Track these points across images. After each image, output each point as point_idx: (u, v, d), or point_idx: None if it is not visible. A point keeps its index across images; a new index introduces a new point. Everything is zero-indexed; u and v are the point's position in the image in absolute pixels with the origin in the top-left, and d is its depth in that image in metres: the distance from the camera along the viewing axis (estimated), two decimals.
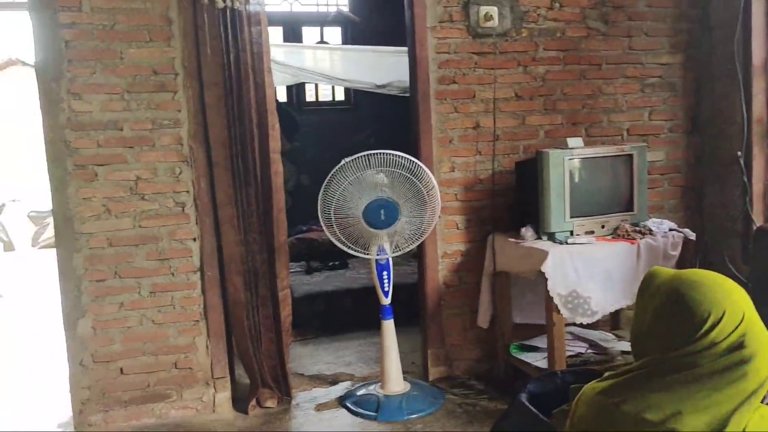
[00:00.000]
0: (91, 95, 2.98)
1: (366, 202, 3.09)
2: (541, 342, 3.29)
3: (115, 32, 2.97)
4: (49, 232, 10.20)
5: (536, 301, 3.26)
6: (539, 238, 3.16)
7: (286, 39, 6.09)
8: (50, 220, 10.34)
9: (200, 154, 3.12)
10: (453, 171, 3.46)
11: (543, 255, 2.95)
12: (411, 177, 3.09)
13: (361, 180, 3.07)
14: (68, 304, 3.09)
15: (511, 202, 3.47)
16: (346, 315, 4.59)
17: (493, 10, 3.40)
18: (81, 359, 3.12)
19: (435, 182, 3.17)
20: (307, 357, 4.01)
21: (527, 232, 3.18)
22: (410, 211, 3.16)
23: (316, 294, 4.70)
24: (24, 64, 19.19)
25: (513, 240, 3.22)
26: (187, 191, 3.15)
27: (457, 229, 3.51)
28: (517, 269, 3.25)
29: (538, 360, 3.23)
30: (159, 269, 3.16)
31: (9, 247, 9.33)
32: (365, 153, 3.05)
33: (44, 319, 5.27)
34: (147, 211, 3.11)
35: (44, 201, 11.23)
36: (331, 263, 5.32)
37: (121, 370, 3.17)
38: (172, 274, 3.18)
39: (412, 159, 3.11)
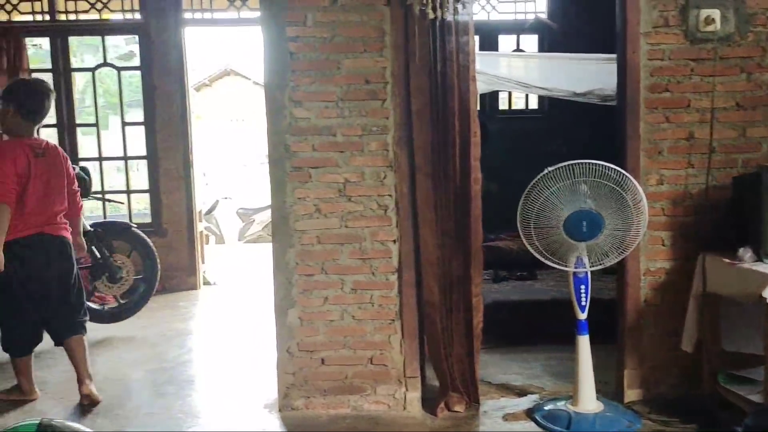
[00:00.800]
0: (310, 103, 3.22)
1: (568, 212, 3.02)
2: (756, 374, 3.00)
3: (333, 44, 3.19)
4: (254, 228, 11.17)
5: (751, 328, 2.98)
6: (759, 260, 2.90)
7: (482, 48, 6.12)
8: (256, 217, 11.35)
9: (404, 159, 3.25)
10: (661, 184, 3.28)
11: (765, 279, 2.70)
12: (617, 188, 2.97)
13: (563, 190, 3.01)
14: (280, 294, 3.35)
15: (726, 220, 3.21)
16: (533, 327, 4.51)
17: (715, 13, 3.18)
18: (288, 347, 3.38)
19: (643, 194, 3.02)
20: (493, 365, 4.00)
21: (746, 253, 2.92)
22: (614, 224, 3.04)
23: (503, 303, 4.68)
24: (236, 74, 21.20)
25: (728, 261, 2.97)
26: (390, 195, 3.28)
27: (663, 245, 3.32)
28: (730, 292, 3.00)
29: (753, 393, 2.95)
30: (361, 268, 3.32)
31: (220, 240, 10.31)
32: (569, 162, 2.99)
33: (251, 306, 5.79)
34: (353, 212, 3.29)
35: (251, 199, 12.35)
36: (519, 273, 5.26)
37: (323, 360, 3.38)
38: (373, 274, 3.33)
39: (619, 170, 2.99)
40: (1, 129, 3.77)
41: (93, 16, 6.32)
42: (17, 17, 6.24)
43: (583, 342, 3.20)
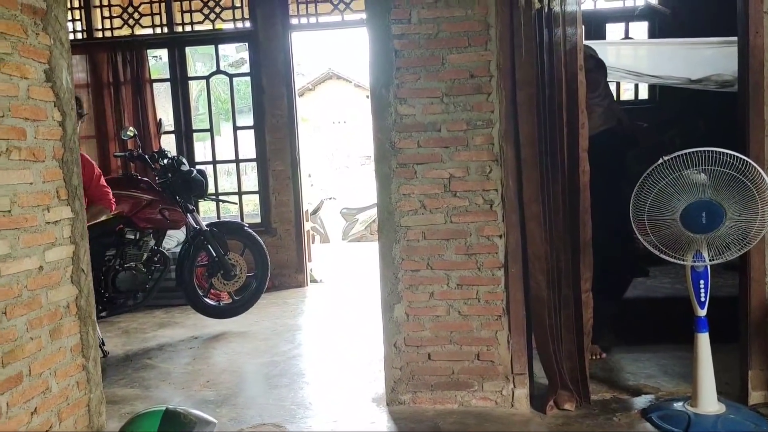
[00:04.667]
0: (415, 99, 3.25)
1: (685, 203, 2.88)
2: None
3: (438, 40, 3.20)
4: (358, 228, 11.38)
5: None
6: None
7: (588, 37, 5.93)
8: (359, 216, 11.57)
9: (510, 152, 3.21)
10: None
11: None
12: (740, 177, 2.80)
13: (679, 180, 2.87)
14: (387, 289, 3.40)
15: None
16: (645, 324, 4.34)
17: None
18: (395, 341, 3.42)
19: None
20: (604, 363, 3.88)
21: None
22: (736, 215, 2.87)
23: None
24: (338, 77, 21.70)
25: None
26: (496, 189, 3.26)
27: None
28: None
29: None
30: (466, 263, 3.32)
31: (325, 239, 10.57)
32: (686, 151, 2.85)
33: (357, 303, 5.90)
34: (458, 208, 3.29)
35: (354, 199, 12.61)
36: None
37: (429, 355, 3.40)
38: (478, 269, 3.31)
39: (742, 157, 2.82)
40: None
41: (207, 26, 6.66)
42: (139, 31, 6.68)
43: (703, 340, 3.04)
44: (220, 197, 6.81)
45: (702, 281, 3.02)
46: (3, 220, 2.40)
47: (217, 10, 6.56)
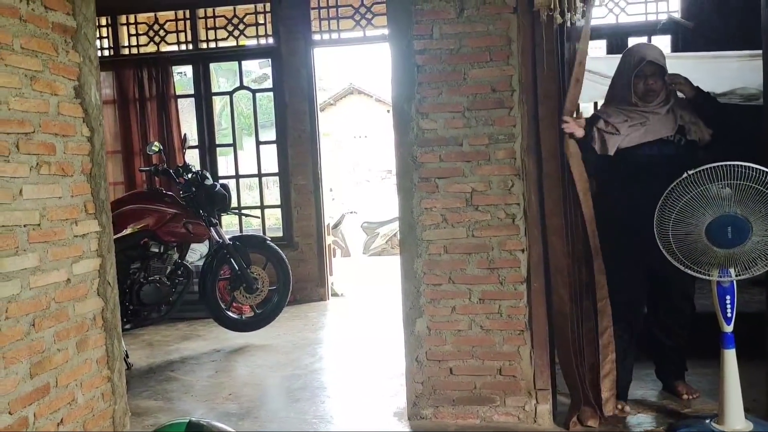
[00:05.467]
0: (437, 114, 3.26)
1: (710, 218, 2.85)
2: None
3: (460, 55, 3.22)
4: (378, 242, 11.39)
5: None
6: None
7: (610, 51, 5.92)
8: (380, 230, 11.59)
9: (531, 166, 3.20)
10: None
11: None
12: (766, 192, 2.77)
13: (704, 194, 2.85)
14: (408, 303, 3.40)
15: None
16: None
17: None
18: (417, 356, 3.41)
19: None
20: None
21: None
22: (763, 230, 2.83)
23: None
24: (359, 92, 21.84)
25: None
26: (518, 203, 3.25)
27: None
28: None
29: None
30: (488, 277, 3.31)
31: (345, 253, 10.59)
32: (710, 165, 2.83)
33: (378, 317, 5.90)
34: (480, 222, 3.29)
35: (375, 213, 12.64)
36: None
37: (451, 370, 3.38)
38: (501, 283, 3.30)
39: None
40: None
41: (230, 43, 6.75)
42: (165, 48, 6.79)
43: (729, 356, 3.00)
44: (243, 211, 6.87)
45: (728, 297, 2.98)
46: (33, 234, 2.45)
47: (241, 26, 6.66)
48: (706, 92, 3.36)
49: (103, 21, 6.68)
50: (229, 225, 9.53)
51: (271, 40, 6.60)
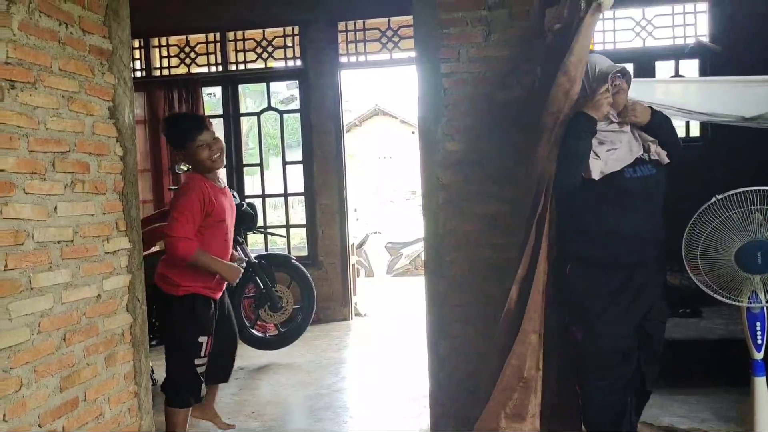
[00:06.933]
0: (462, 136, 3.28)
1: (740, 243, 2.82)
2: None
3: (485, 78, 3.24)
4: (402, 262, 11.38)
5: None
6: None
7: (637, 75, 5.90)
8: (404, 251, 11.59)
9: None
10: None
11: None
12: None
13: (733, 219, 2.82)
14: (432, 324, 3.40)
15: None
16: (696, 367, 4.21)
17: None
18: (440, 377, 3.40)
19: None
20: (655, 406, 3.75)
21: None
22: None
23: (665, 342, 4.39)
24: (384, 113, 21.97)
25: None
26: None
27: None
28: None
29: None
30: None
31: (369, 273, 10.59)
32: (740, 189, 2.80)
33: (402, 337, 5.89)
34: (504, 244, 3.28)
35: (399, 234, 12.66)
36: (681, 310, 4.93)
37: (473, 392, 3.36)
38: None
39: None
40: None
41: (259, 65, 6.87)
42: (195, 69, 6.93)
43: (760, 384, 2.95)
44: (269, 230, 6.93)
45: (759, 323, 2.95)
46: (66, 250, 2.51)
47: (270, 49, 6.77)
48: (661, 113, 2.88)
49: (136, 43, 6.84)
50: (254, 243, 9.62)
51: (299, 62, 6.70)
